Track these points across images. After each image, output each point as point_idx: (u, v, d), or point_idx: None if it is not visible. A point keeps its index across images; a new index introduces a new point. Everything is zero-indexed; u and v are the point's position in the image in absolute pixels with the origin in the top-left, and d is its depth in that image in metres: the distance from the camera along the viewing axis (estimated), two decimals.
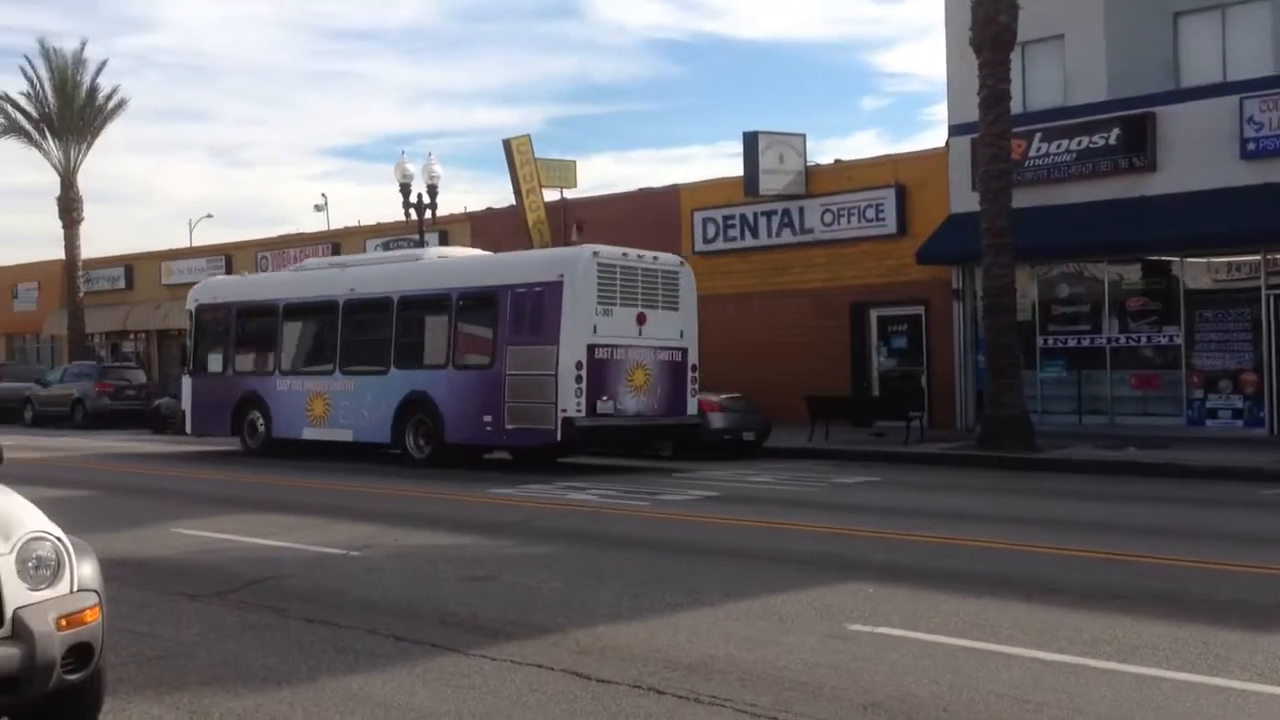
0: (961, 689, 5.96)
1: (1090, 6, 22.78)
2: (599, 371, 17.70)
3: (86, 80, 40.12)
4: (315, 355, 21.79)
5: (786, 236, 26.94)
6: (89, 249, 41.93)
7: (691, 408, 19.28)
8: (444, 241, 32.59)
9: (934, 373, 25.08)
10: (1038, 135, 22.94)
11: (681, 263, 19.98)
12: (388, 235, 34.38)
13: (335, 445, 20.99)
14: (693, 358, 19.30)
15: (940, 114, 33.22)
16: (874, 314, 26.08)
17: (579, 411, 17.37)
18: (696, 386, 19.37)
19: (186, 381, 23.65)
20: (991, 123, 20.18)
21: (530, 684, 6.15)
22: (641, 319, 18.37)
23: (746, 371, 26.10)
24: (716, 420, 20.81)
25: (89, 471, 19.24)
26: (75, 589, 5.00)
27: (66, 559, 5.03)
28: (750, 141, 26.28)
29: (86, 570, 5.13)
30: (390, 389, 19.67)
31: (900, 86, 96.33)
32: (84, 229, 41.02)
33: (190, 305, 24.05)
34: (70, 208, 40.69)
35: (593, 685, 6.11)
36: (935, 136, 68.82)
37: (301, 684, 6.19)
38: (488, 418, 18.22)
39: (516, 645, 6.93)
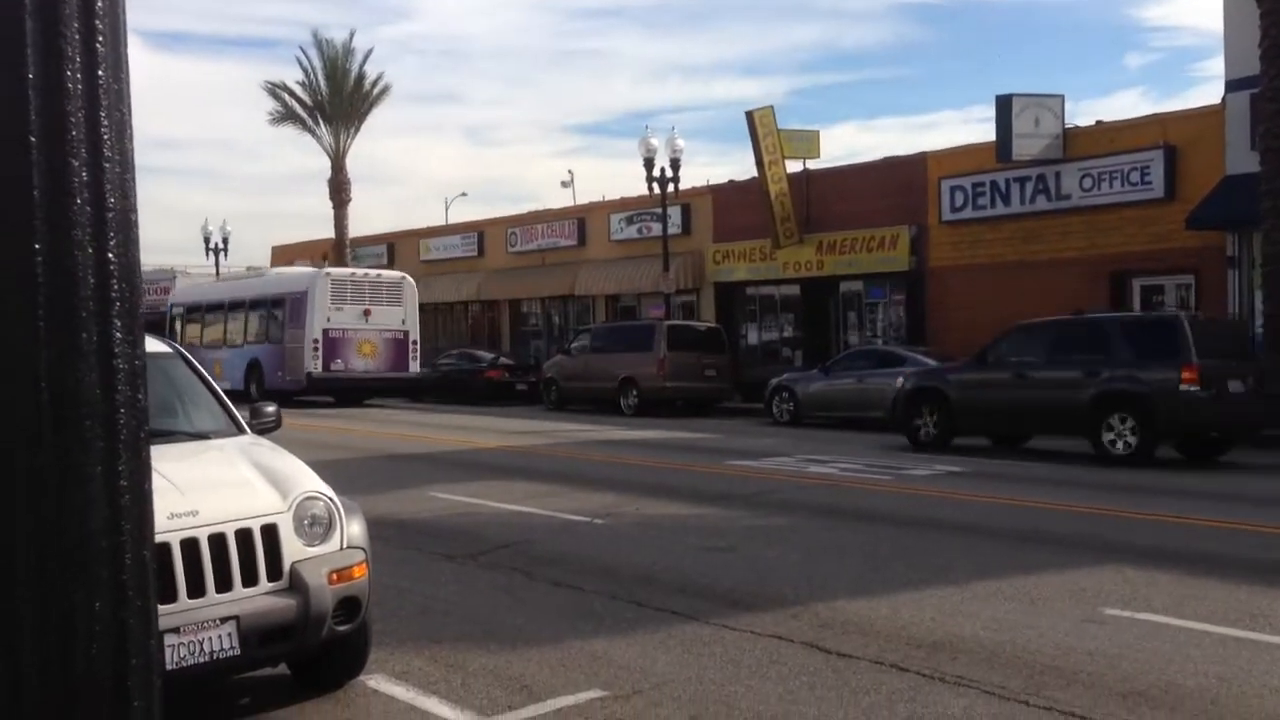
0: (1231, 681, 5.57)
1: None
2: (332, 346, 28.76)
3: (354, 68, 42.61)
4: (214, 336, 32.95)
5: (1041, 203, 25.72)
6: (355, 227, 44.66)
7: (413, 369, 30.20)
8: (686, 216, 32.91)
9: None
10: None
11: (403, 277, 30.92)
12: (631, 209, 34.98)
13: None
14: (414, 336, 30.22)
15: (1214, 69, 30.77)
16: (1136, 283, 24.59)
17: (316, 369, 28.55)
18: (417, 355, 30.27)
19: None
20: (1275, 76, 18.64)
21: (770, 655, 6.15)
22: (368, 313, 29.25)
23: None
24: None
25: (348, 437, 20.54)
26: (345, 546, 5.36)
27: (338, 518, 5.39)
28: (1004, 105, 25.20)
29: (355, 529, 5.48)
30: (243, 357, 30.87)
31: (1168, 41, 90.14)
32: (351, 209, 43.71)
33: (168, 304, 35.96)
34: (340, 189, 43.36)
35: (833, 659, 6.06)
36: (1208, 94, 63.77)
37: (548, 644, 6.42)
38: (280, 373, 29.28)
39: (756, 616, 6.95)
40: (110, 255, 1.15)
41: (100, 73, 1.16)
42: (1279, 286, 18.77)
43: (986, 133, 26.49)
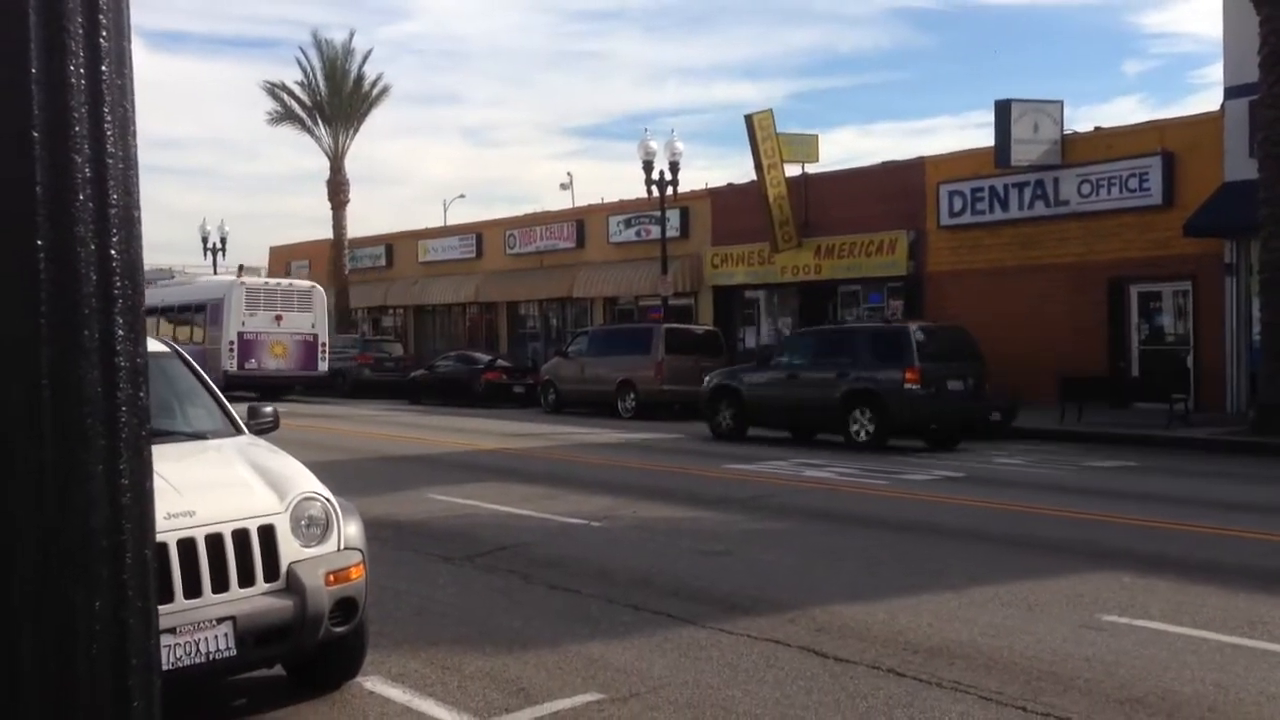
0: (1229, 688, 5.56)
1: None
2: (246, 347, 31.74)
3: (354, 69, 42.63)
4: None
5: (1039, 209, 25.75)
6: (354, 228, 44.67)
7: (321, 368, 33.21)
8: (684, 219, 32.93)
9: (1201, 353, 23.46)
10: None
11: (313, 286, 34.14)
12: (629, 212, 34.98)
13: None
14: (323, 339, 33.23)
15: (1212, 76, 30.85)
16: (1134, 290, 24.62)
17: (232, 368, 31.03)
18: (326, 355, 33.27)
19: None
20: (1273, 83, 18.64)
21: (767, 659, 6.14)
22: (279, 318, 32.22)
23: (994, 349, 25.09)
24: None
25: (345, 438, 20.51)
26: (342, 547, 5.34)
27: (335, 518, 5.37)
28: (1002, 110, 25.23)
29: (352, 530, 5.47)
30: None
31: (1167, 47, 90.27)
32: (350, 210, 43.73)
33: None
34: (338, 190, 43.36)
35: (830, 664, 6.05)
36: (1206, 101, 63.91)
37: (545, 647, 6.41)
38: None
39: (753, 620, 6.94)
40: (113, 252, 1.13)
41: (104, 68, 1.15)
42: (1277, 294, 18.78)
43: (985, 138, 26.54)
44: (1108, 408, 22.31)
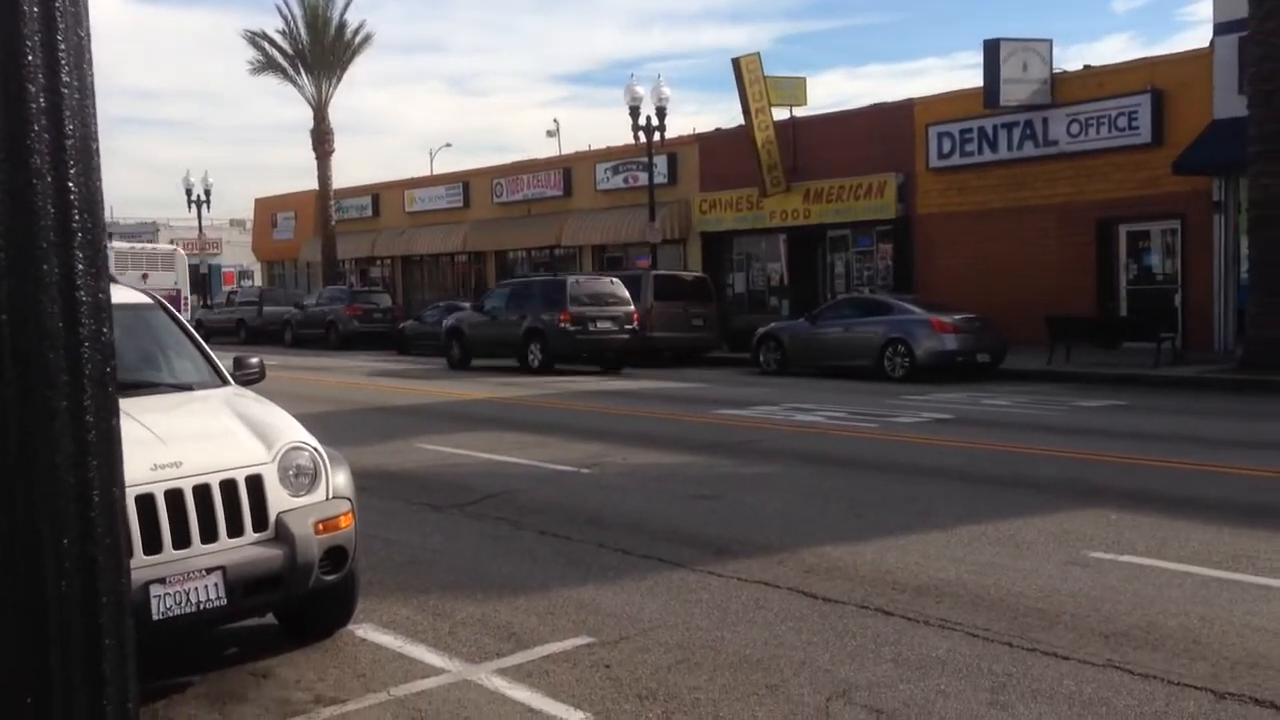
0: (1213, 621, 5.63)
1: None
2: None
3: (335, 16, 42.06)
4: None
5: (1029, 149, 25.64)
6: (339, 179, 44.28)
7: (184, 315, 39.03)
8: (672, 165, 32.74)
9: (1189, 292, 23.50)
10: None
11: (175, 249, 37.44)
12: (617, 159, 34.74)
13: None
14: (185, 293, 35.50)
15: (1201, 12, 30.62)
16: (1123, 229, 24.59)
17: None
18: (188, 308, 35.55)
19: None
20: (1263, 18, 18.50)
21: (757, 600, 6.19)
22: (145, 277, 33.33)
23: (983, 291, 25.22)
24: (949, 341, 20.23)
25: (333, 389, 20.49)
26: (330, 496, 5.34)
27: (323, 467, 5.37)
28: (991, 50, 25.02)
29: (340, 479, 5.47)
30: None
31: None
32: (335, 160, 43.31)
33: None
34: (322, 140, 42.93)
35: (819, 604, 6.09)
36: (1195, 38, 63.54)
37: (536, 593, 6.44)
38: None
39: (742, 562, 6.99)
40: (70, 184, 1.11)
41: None
42: (1265, 231, 18.78)
43: (974, 79, 26.35)
44: (1096, 348, 22.37)
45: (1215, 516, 8.07)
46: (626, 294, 24.52)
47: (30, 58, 1.08)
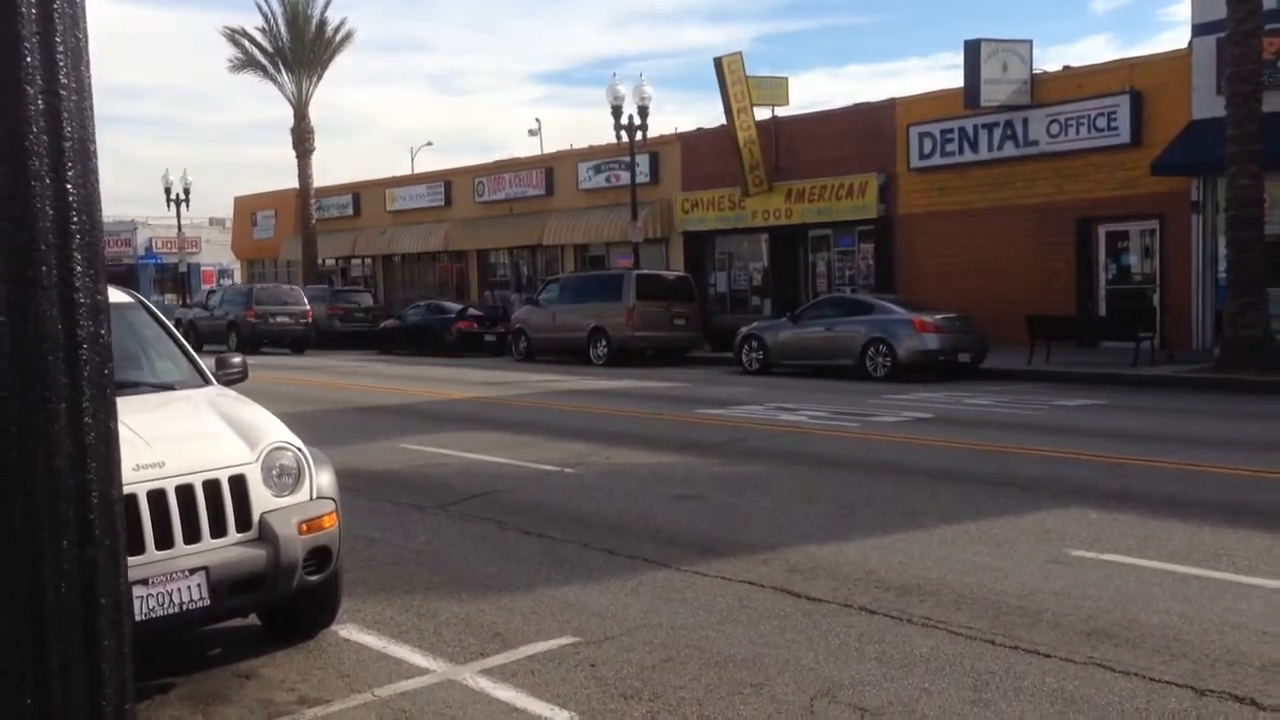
0: (1194, 619, 5.67)
1: None
2: None
3: (316, 14, 41.90)
4: None
5: (1009, 150, 25.76)
6: (320, 178, 44.12)
7: None
8: (654, 164, 32.74)
9: (1167, 291, 23.67)
10: None
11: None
12: (599, 158, 34.72)
13: None
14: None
15: (1180, 13, 30.81)
16: (1102, 229, 24.74)
17: None
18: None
19: None
20: (1241, 20, 18.63)
21: (741, 600, 6.20)
22: None
23: (964, 291, 25.32)
24: (930, 341, 20.30)
25: (316, 389, 20.42)
26: (314, 496, 5.33)
27: (306, 468, 5.35)
28: (972, 50, 25.14)
29: (324, 479, 5.45)
30: None
31: None
32: (315, 159, 43.15)
33: None
34: (303, 138, 42.76)
35: (803, 603, 6.11)
36: (1174, 39, 63.87)
37: (520, 592, 6.44)
38: None
39: (726, 562, 7.00)
40: (69, 186, 1.10)
41: None
42: (1242, 231, 18.92)
43: (955, 79, 26.48)
44: (1076, 347, 22.50)
45: (1195, 515, 8.13)
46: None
47: (28, 59, 1.08)
